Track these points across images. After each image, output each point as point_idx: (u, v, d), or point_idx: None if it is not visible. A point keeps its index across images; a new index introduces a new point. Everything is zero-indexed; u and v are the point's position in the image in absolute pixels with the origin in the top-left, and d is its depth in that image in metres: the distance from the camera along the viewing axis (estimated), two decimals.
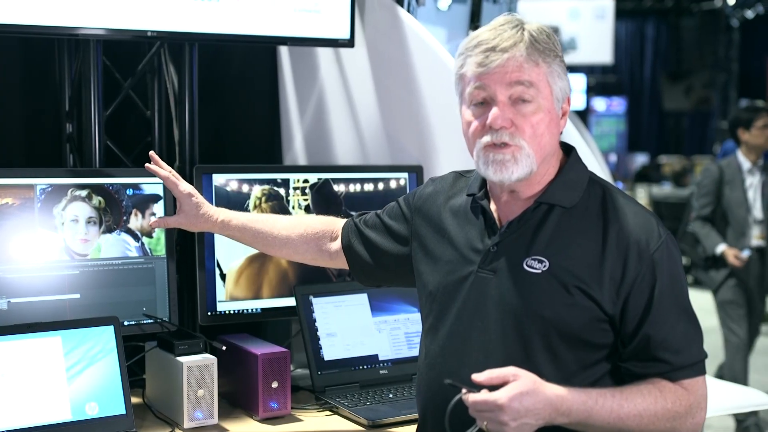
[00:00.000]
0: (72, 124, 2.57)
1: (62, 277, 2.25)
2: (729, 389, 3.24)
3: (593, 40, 13.43)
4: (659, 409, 1.71)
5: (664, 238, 1.77)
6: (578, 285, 1.74)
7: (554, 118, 1.79)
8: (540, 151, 1.78)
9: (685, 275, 1.82)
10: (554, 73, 1.78)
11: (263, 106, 3.07)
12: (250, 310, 2.52)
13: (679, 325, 1.75)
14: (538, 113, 1.75)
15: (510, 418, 1.62)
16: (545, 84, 1.76)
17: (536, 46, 1.75)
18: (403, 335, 2.54)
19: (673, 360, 1.74)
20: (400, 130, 2.84)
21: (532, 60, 1.74)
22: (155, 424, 2.21)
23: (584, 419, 1.68)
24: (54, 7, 2.25)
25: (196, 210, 2.15)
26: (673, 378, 1.74)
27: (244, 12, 2.49)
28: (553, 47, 1.78)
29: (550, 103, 1.78)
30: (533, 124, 1.75)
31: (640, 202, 1.88)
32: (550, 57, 1.77)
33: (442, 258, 1.92)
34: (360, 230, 2.13)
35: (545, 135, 1.78)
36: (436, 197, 2.01)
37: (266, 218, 2.21)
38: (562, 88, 1.79)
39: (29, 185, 2.23)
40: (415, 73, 2.75)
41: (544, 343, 1.76)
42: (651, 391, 1.73)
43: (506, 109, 1.75)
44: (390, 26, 2.80)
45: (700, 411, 1.76)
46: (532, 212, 1.82)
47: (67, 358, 2.07)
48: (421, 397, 1.94)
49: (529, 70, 1.74)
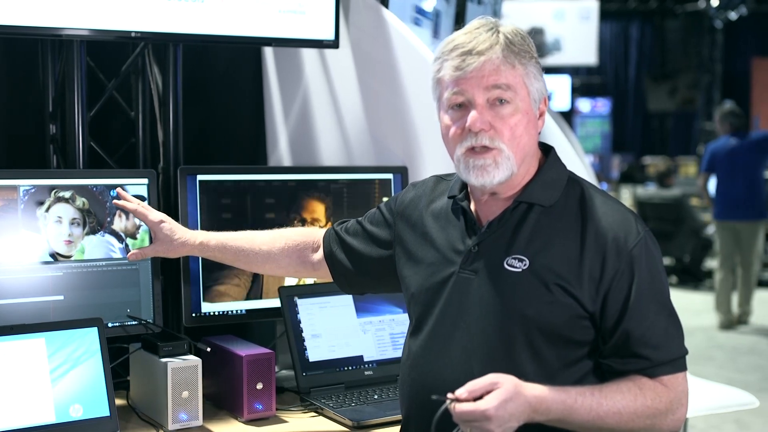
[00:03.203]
0: (55, 125, 2.55)
1: (46, 279, 2.24)
2: (714, 389, 3.25)
3: (578, 41, 13.51)
4: (639, 407, 1.72)
5: (642, 234, 1.78)
6: (558, 283, 1.75)
7: (532, 120, 1.80)
8: (519, 152, 1.79)
9: (665, 272, 1.83)
10: (530, 75, 1.79)
11: (248, 107, 3.06)
12: (234, 311, 2.52)
13: (658, 321, 1.76)
14: (516, 115, 1.77)
15: (496, 425, 1.63)
16: (522, 85, 1.78)
17: (512, 48, 1.76)
18: (388, 336, 2.54)
19: (653, 356, 1.75)
20: (385, 131, 2.84)
21: (509, 62, 1.75)
22: (139, 425, 2.21)
23: (564, 417, 1.70)
24: (37, 8, 2.24)
25: (171, 236, 2.16)
26: (652, 374, 1.75)
27: (228, 13, 2.48)
28: (529, 49, 1.79)
29: (528, 105, 1.79)
30: (512, 126, 1.77)
31: (624, 202, 1.89)
32: (526, 58, 1.78)
33: (425, 260, 1.93)
34: (341, 238, 2.14)
35: (524, 136, 1.79)
36: (417, 202, 2.02)
37: (245, 235, 2.21)
38: (538, 89, 1.81)
39: (12, 186, 2.22)
40: (400, 74, 2.75)
41: (526, 342, 1.77)
42: (630, 388, 1.73)
43: (484, 112, 1.76)
44: (374, 27, 2.80)
45: (680, 407, 1.76)
46: (511, 212, 1.83)
47: (51, 360, 2.06)
48: (404, 398, 1.94)
49: (506, 72, 1.75)
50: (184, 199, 2.44)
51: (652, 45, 16.84)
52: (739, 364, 6.84)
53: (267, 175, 2.60)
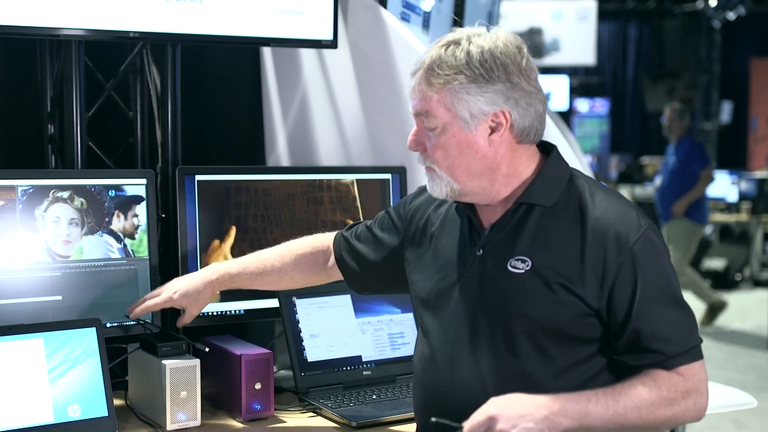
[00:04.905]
0: (54, 125, 2.55)
1: (44, 279, 2.24)
2: (712, 389, 3.24)
3: (576, 41, 13.50)
4: (655, 398, 1.72)
5: (644, 228, 1.77)
6: (561, 282, 1.75)
7: (468, 139, 1.77)
8: (459, 172, 1.80)
9: (670, 263, 1.81)
10: (455, 95, 1.75)
11: (246, 108, 3.06)
12: (233, 311, 2.52)
13: (668, 313, 1.76)
14: (442, 137, 1.79)
15: (508, 425, 1.64)
16: (442, 109, 1.77)
17: (432, 72, 1.76)
18: (387, 336, 2.54)
19: (666, 349, 1.74)
20: (384, 131, 2.84)
21: (423, 90, 1.78)
22: (138, 426, 2.21)
23: (582, 419, 1.69)
24: (36, 8, 2.24)
25: (195, 297, 2.19)
26: (668, 366, 1.75)
27: (226, 13, 2.48)
28: (456, 67, 1.74)
29: (455, 127, 1.77)
30: (439, 147, 1.79)
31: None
32: (448, 79, 1.75)
33: (433, 265, 1.94)
34: (351, 244, 2.15)
35: (459, 156, 1.79)
36: (426, 206, 2.03)
37: (253, 258, 2.22)
38: (476, 106, 1.75)
39: (10, 186, 2.21)
40: (398, 74, 2.75)
41: (532, 342, 1.77)
42: (644, 381, 1.73)
43: (420, 133, 1.83)
44: (373, 27, 2.80)
45: (699, 395, 1.77)
46: (512, 213, 1.83)
47: (49, 360, 2.06)
48: (416, 400, 1.97)
49: (423, 100, 1.79)
50: (182, 200, 2.44)
51: (650, 45, 16.83)
52: (737, 364, 6.85)
53: (265, 175, 2.60)
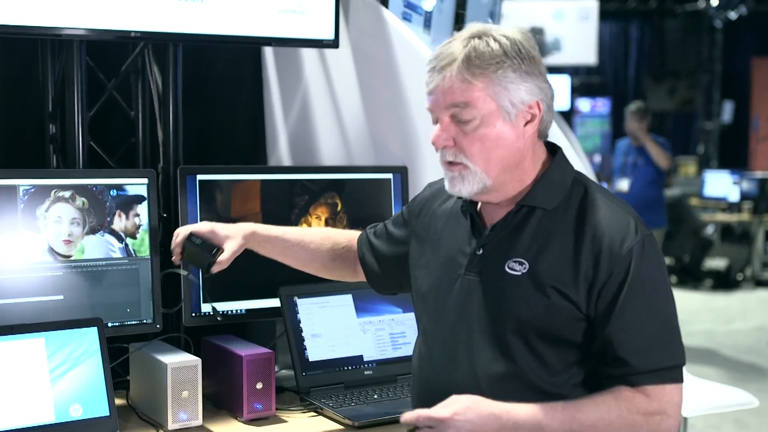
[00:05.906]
0: (55, 124, 2.55)
1: (45, 279, 2.24)
2: (713, 389, 3.24)
3: (577, 41, 13.50)
4: (614, 418, 1.68)
5: (640, 237, 1.75)
6: (555, 286, 1.75)
7: (506, 131, 1.76)
8: (494, 165, 1.77)
9: (665, 277, 1.79)
10: (499, 84, 1.74)
11: (248, 107, 3.06)
12: (234, 311, 2.52)
13: (646, 327, 1.73)
14: (480, 129, 1.75)
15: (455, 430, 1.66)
16: (486, 99, 1.74)
17: (472, 62, 1.73)
18: (388, 336, 2.54)
19: (633, 362, 1.71)
20: (385, 131, 2.84)
21: (465, 79, 1.73)
22: (139, 425, 2.21)
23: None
24: (37, 7, 2.24)
25: (231, 235, 2.16)
26: (633, 382, 1.71)
27: (228, 12, 2.48)
28: (497, 56, 1.73)
29: (497, 117, 1.75)
30: (476, 140, 1.75)
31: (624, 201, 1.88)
32: (491, 69, 1.73)
33: (435, 261, 1.94)
34: (370, 241, 2.18)
35: (497, 149, 1.76)
36: (432, 201, 2.04)
37: (295, 230, 2.23)
38: (517, 96, 1.75)
39: (12, 186, 2.21)
40: (400, 74, 2.75)
41: (525, 344, 1.77)
42: (606, 399, 1.70)
43: (449, 128, 1.77)
44: (374, 27, 2.80)
45: (665, 419, 1.71)
46: (514, 215, 1.83)
47: (51, 360, 2.06)
48: (413, 398, 1.97)
49: (462, 90, 1.74)
50: (183, 199, 2.44)
51: (651, 45, 16.82)
52: (738, 364, 6.84)
53: (267, 174, 2.60)
